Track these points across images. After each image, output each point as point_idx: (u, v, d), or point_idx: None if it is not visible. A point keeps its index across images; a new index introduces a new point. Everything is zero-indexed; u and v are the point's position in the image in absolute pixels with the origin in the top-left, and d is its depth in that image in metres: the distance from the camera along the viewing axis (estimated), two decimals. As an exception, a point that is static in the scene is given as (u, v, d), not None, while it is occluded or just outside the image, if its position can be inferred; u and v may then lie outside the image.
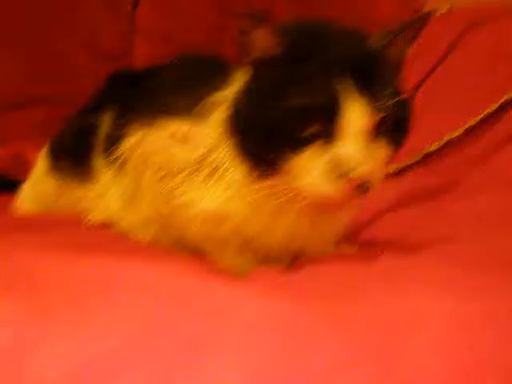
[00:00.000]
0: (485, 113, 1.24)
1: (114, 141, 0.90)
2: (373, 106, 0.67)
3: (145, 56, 1.70)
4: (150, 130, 0.84)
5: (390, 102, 0.68)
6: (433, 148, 1.27)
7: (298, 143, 0.68)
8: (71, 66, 1.71)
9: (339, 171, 0.67)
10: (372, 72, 0.69)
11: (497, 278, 0.60)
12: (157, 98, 0.86)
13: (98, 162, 0.95)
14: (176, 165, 0.80)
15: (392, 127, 0.71)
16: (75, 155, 0.99)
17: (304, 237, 0.79)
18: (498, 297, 0.54)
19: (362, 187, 0.68)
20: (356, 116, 0.67)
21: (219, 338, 0.46)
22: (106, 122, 0.96)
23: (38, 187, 1.08)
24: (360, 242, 0.97)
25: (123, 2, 1.73)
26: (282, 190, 0.71)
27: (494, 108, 1.24)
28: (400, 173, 1.26)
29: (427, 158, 1.27)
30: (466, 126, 1.25)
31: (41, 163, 1.08)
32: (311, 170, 0.68)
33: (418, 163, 1.26)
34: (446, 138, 1.26)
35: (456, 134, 1.26)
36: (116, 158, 0.89)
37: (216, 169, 0.77)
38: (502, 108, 1.24)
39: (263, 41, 0.70)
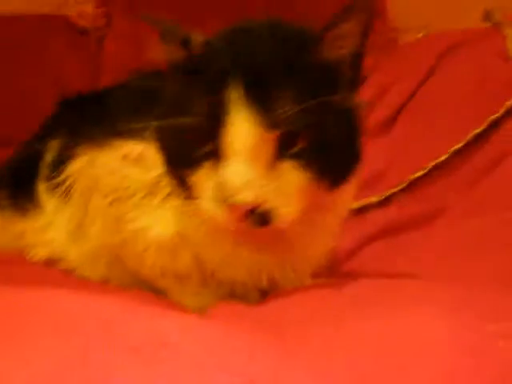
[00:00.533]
0: (469, 137, 1.17)
1: (58, 165, 0.80)
2: (266, 119, 0.55)
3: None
4: (99, 151, 0.75)
5: (292, 113, 0.55)
6: (418, 175, 1.19)
7: (197, 161, 0.59)
8: (37, 107, 1.62)
9: (221, 196, 0.56)
10: (273, 79, 0.56)
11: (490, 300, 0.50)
12: (108, 118, 0.77)
13: (41, 189, 0.84)
14: (128, 187, 0.71)
15: (311, 147, 0.57)
16: (17, 185, 0.88)
17: (272, 267, 0.68)
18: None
19: (258, 217, 0.56)
20: (239, 131, 0.55)
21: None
22: (52, 148, 0.86)
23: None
24: (341, 273, 0.87)
25: (88, 40, 1.68)
26: (195, 212, 0.62)
27: (477, 131, 1.17)
28: (386, 201, 1.19)
29: (413, 185, 1.19)
30: (451, 151, 1.17)
31: None
32: (205, 192, 0.59)
33: (403, 190, 1.18)
34: (430, 165, 1.18)
35: (441, 159, 1.18)
36: (61, 183, 0.79)
37: (171, 192, 0.68)
38: (485, 131, 1.17)
39: (172, 46, 0.63)
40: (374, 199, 1.18)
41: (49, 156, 0.85)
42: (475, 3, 1.55)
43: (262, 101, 0.55)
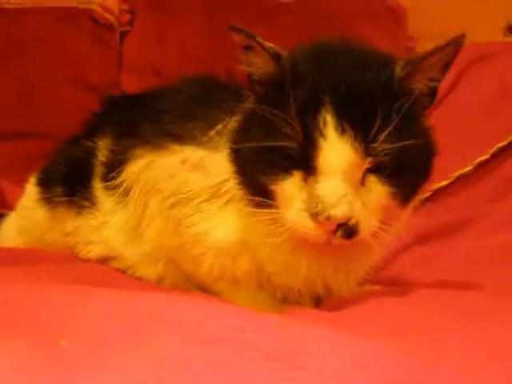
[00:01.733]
0: (493, 150, 1.20)
1: (115, 166, 0.81)
2: (363, 147, 0.59)
3: (131, 88, 1.64)
4: (157, 155, 0.76)
5: (388, 147, 0.59)
6: (442, 184, 1.21)
7: (285, 170, 0.61)
8: (57, 100, 1.63)
9: (313, 210, 0.59)
10: (371, 107, 0.59)
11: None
12: (160, 122, 0.78)
13: (97, 189, 0.84)
14: (188, 192, 0.72)
15: (396, 169, 0.61)
16: (70, 183, 0.88)
17: (328, 276, 0.70)
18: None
19: (345, 230, 0.59)
20: (335, 152, 0.58)
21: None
22: (103, 147, 0.87)
23: (26, 219, 0.96)
24: (382, 281, 0.90)
25: (110, 34, 1.68)
26: (272, 223, 0.64)
27: (501, 145, 1.20)
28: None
29: (437, 195, 1.22)
30: (475, 163, 1.20)
31: (29, 192, 0.96)
32: (293, 203, 0.61)
33: (428, 199, 1.21)
34: (455, 175, 1.21)
35: (466, 169, 1.21)
36: (118, 185, 0.80)
37: (233, 198, 0.70)
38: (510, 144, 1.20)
39: (257, 60, 0.65)
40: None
41: (101, 154, 0.86)
42: (498, 16, 1.59)
43: (360, 127, 0.58)
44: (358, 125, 0.59)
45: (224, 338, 0.41)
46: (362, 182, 0.61)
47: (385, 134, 0.59)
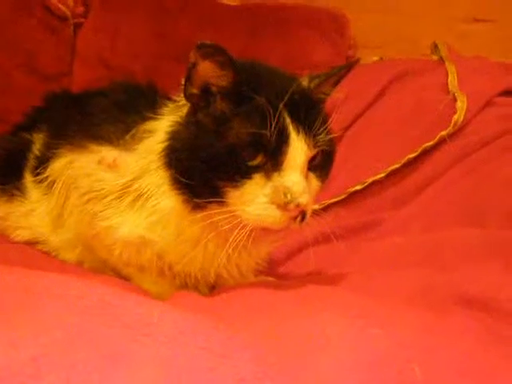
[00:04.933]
0: (405, 160, 1.32)
1: (44, 161, 0.91)
2: (313, 142, 0.73)
3: (83, 79, 1.72)
4: (78, 154, 0.85)
5: (327, 138, 0.74)
6: (356, 188, 1.33)
7: (242, 174, 0.71)
8: (8, 85, 1.70)
9: (283, 201, 0.70)
10: (309, 109, 0.73)
11: (400, 310, 0.65)
12: (88, 123, 0.87)
13: (28, 179, 0.95)
14: (101, 190, 0.82)
15: (322, 162, 0.76)
16: (4, 172, 0.98)
17: (221, 267, 0.82)
18: (400, 325, 0.58)
19: (303, 215, 0.73)
20: (298, 150, 0.71)
21: (135, 351, 0.48)
22: (38, 141, 0.97)
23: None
24: (279, 274, 1.02)
25: (64, 25, 1.74)
26: (224, 218, 0.73)
27: (414, 156, 1.32)
28: (323, 210, 1.32)
29: (350, 198, 1.34)
30: (388, 170, 1.32)
31: None
32: (255, 199, 0.71)
33: (341, 202, 1.32)
34: (369, 180, 1.33)
35: (379, 176, 1.33)
36: (44, 179, 0.90)
37: (140, 196, 0.79)
38: (419, 156, 1.32)
39: (210, 72, 0.72)
40: (315, 207, 1.32)
41: (35, 148, 0.96)
42: (427, 34, 1.72)
43: (308, 126, 0.73)
44: (305, 124, 0.72)
45: (95, 311, 0.53)
46: (307, 177, 0.75)
47: (324, 127, 0.74)
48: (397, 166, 1.32)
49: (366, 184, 1.33)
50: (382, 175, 1.32)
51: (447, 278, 0.77)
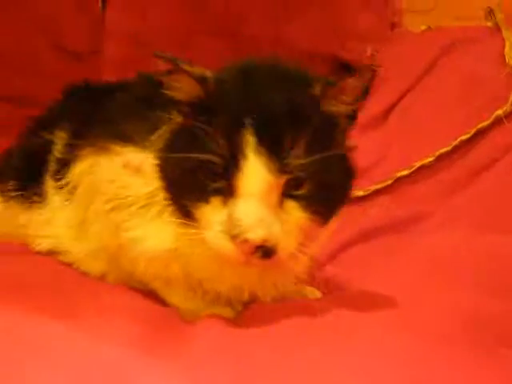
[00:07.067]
0: (457, 142, 1.22)
1: (64, 164, 0.85)
2: (278, 166, 0.61)
3: (113, 56, 1.66)
4: (101, 156, 0.79)
5: (302, 162, 0.61)
6: (403, 173, 1.24)
7: (204, 196, 0.64)
8: (37, 65, 1.66)
9: (231, 232, 0.61)
10: (285, 128, 0.62)
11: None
12: (110, 121, 0.81)
13: (49, 184, 0.89)
14: (126, 197, 0.75)
15: (314, 191, 0.64)
16: (23, 178, 0.92)
17: (253, 285, 0.74)
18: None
19: (263, 251, 0.62)
20: (254, 175, 0.61)
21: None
22: (58, 142, 0.90)
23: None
24: (322, 282, 0.93)
25: (92, 2, 1.68)
26: (195, 238, 0.66)
27: (466, 137, 1.22)
28: (369, 197, 1.24)
29: (397, 184, 1.25)
30: (437, 154, 1.22)
31: None
32: (211, 226, 0.64)
33: (386, 189, 1.24)
34: (417, 164, 1.24)
35: (427, 160, 1.23)
36: (65, 183, 0.84)
37: (166, 207, 0.72)
38: (474, 136, 1.22)
39: (183, 84, 0.66)
40: (359, 193, 1.23)
41: (56, 149, 0.89)
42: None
43: (274, 148, 0.61)
44: (271, 145, 0.61)
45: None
46: (281, 206, 0.64)
47: (296, 150, 0.61)
48: (446, 149, 1.22)
49: (413, 168, 1.24)
50: (431, 159, 1.23)
51: (506, 308, 0.68)
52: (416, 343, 0.58)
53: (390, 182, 1.25)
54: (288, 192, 0.63)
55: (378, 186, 1.25)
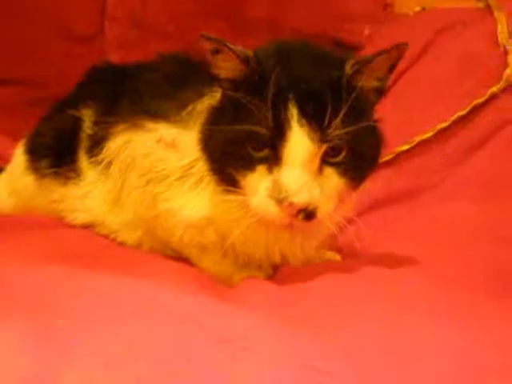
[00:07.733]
0: (454, 117, 1.28)
1: (97, 141, 0.89)
2: (319, 136, 0.68)
3: (115, 40, 1.69)
4: (135, 132, 0.84)
5: (340, 132, 0.68)
6: (404, 148, 1.30)
7: (250, 165, 0.70)
8: (42, 48, 1.68)
9: (277, 196, 0.68)
10: (325, 101, 0.68)
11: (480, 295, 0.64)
12: (138, 100, 0.86)
13: (82, 161, 0.93)
14: (162, 170, 0.81)
15: (350, 158, 0.71)
16: (56, 155, 0.96)
17: (284, 248, 0.81)
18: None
19: (305, 214, 0.69)
20: (298, 144, 0.68)
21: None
22: (88, 118, 0.94)
23: (15, 183, 1.04)
24: (341, 248, 1.00)
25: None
26: (238, 204, 0.73)
27: (463, 113, 1.28)
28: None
29: (397, 159, 1.30)
30: (436, 129, 1.28)
31: (18, 160, 1.04)
32: (257, 191, 0.70)
33: (388, 164, 1.30)
34: (416, 139, 1.29)
35: (426, 135, 1.29)
36: (100, 159, 0.88)
37: (202, 178, 0.78)
38: (470, 112, 1.28)
39: (228, 63, 0.72)
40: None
41: (86, 126, 0.93)
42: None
43: (316, 120, 0.68)
44: (313, 117, 0.68)
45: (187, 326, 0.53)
46: (321, 172, 0.70)
47: (336, 121, 0.68)
48: (446, 124, 1.28)
49: (413, 144, 1.30)
50: (430, 134, 1.29)
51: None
52: (445, 294, 0.64)
53: (391, 156, 1.31)
54: (327, 159, 0.70)
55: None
